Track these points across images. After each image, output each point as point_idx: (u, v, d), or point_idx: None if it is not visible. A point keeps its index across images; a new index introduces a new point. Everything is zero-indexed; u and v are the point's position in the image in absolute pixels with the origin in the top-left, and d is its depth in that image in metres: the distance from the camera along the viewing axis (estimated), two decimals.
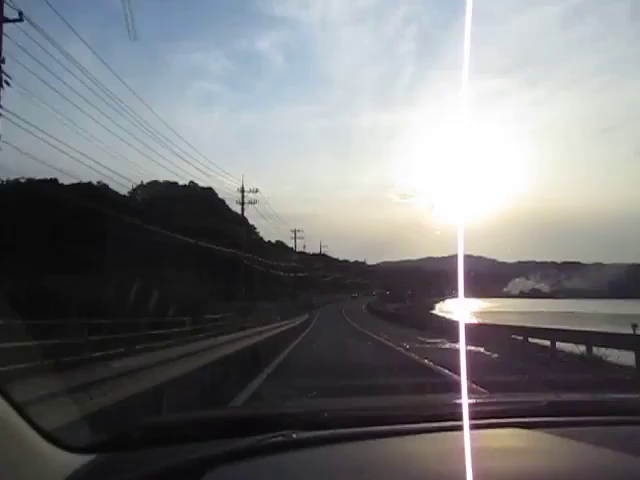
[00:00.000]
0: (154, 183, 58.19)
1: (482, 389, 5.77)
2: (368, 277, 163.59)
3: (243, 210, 41.94)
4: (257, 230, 69.49)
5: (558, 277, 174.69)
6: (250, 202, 41.26)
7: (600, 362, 11.51)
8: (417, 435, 1.36)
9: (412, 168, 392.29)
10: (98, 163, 26.99)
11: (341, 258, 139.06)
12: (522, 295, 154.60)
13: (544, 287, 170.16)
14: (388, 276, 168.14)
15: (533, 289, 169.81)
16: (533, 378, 9.29)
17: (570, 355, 12.97)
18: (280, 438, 1.29)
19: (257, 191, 41.75)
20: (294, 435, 1.31)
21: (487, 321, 30.21)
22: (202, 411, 2.25)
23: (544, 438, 1.36)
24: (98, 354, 9.29)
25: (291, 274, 67.88)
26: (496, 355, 14.65)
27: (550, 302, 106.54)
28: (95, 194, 37.16)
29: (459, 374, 1.44)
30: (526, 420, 1.50)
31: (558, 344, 13.74)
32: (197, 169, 69.07)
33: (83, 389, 3.74)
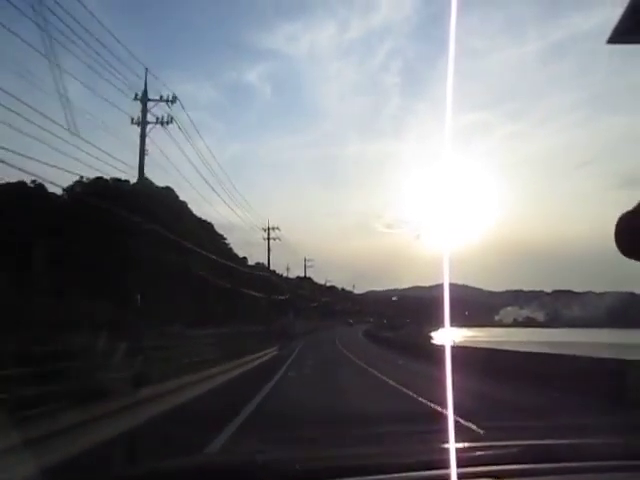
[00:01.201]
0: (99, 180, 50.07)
1: None
2: (358, 304, 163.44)
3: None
4: (228, 242, 62.44)
5: (553, 305, 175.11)
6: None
7: None
8: None
9: (398, 198, 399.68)
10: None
11: (328, 284, 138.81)
12: (516, 324, 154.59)
13: (539, 316, 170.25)
14: (377, 304, 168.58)
15: (527, 317, 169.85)
16: None
17: None
18: None
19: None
20: None
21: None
22: (173, 460, 2.10)
23: None
24: None
25: (268, 296, 50.56)
26: None
27: (546, 331, 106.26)
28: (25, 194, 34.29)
29: None
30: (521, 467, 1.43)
31: None
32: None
33: None
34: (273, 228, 45.27)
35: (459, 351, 22.60)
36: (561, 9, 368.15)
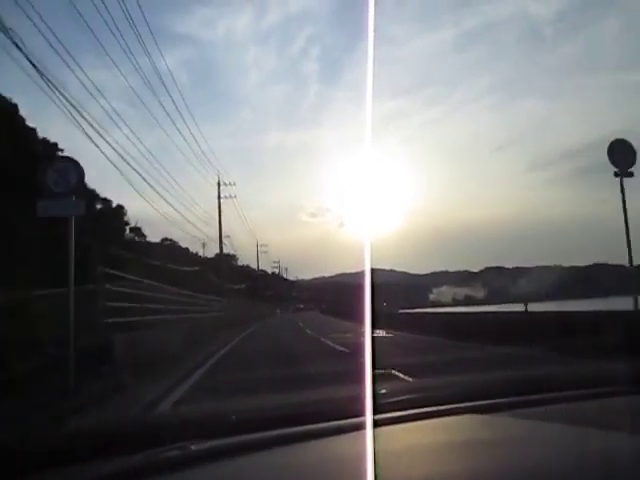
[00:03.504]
0: None
1: None
2: (294, 290, 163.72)
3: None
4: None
5: (492, 282, 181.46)
6: None
7: None
8: (330, 437, 1.29)
9: (320, 187, 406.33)
10: None
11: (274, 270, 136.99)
12: (456, 303, 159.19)
13: (478, 293, 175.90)
14: (310, 290, 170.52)
15: (466, 296, 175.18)
16: None
17: None
18: (175, 452, 1.17)
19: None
20: (192, 447, 1.20)
21: None
22: (84, 424, 1.82)
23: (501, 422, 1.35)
24: None
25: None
26: None
27: (490, 308, 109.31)
28: None
29: None
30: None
31: None
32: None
33: None
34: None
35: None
36: None
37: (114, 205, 35.30)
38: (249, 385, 7.12)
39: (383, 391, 1.54)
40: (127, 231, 39.34)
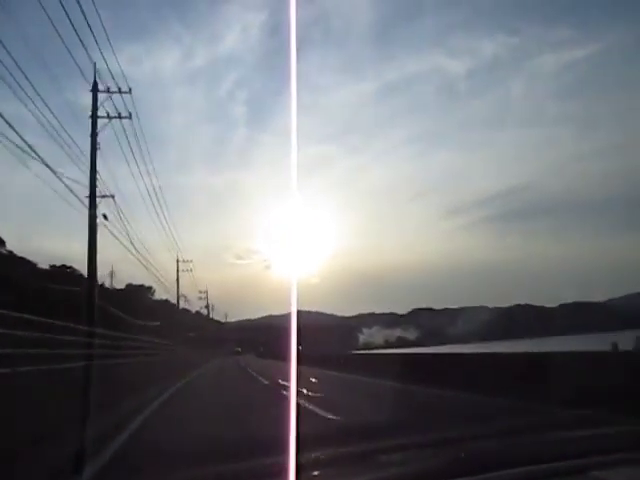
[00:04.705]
0: None
1: None
2: (223, 333, 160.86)
3: None
4: None
5: (424, 324, 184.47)
6: None
7: None
8: None
9: (247, 229, 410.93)
10: None
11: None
12: (388, 345, 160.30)
13: (410, 335, 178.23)
14: (240, 332, 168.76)
15: (399, 337, 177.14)
16: None
17: None
18: None
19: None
20: None
21: None
22: None
23: None
24: None
25: None
26: None
27: (422, 349, 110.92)
28: None
29: None
30: None
31: None
32: None
33: None
34: None
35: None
36: (394, 52, 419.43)
37: None
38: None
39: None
40: None
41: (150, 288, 62.04)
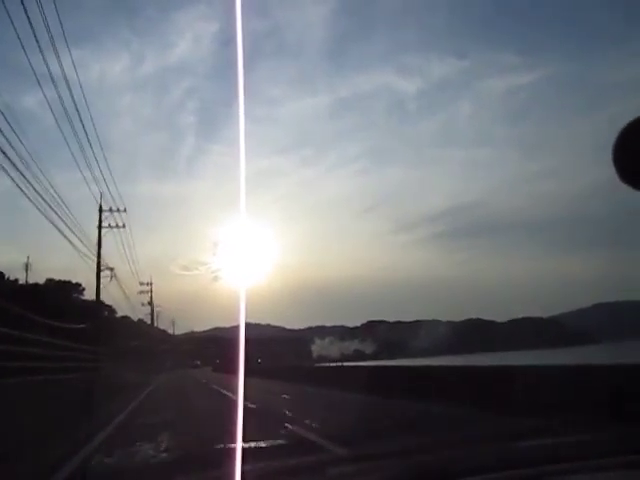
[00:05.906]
0: None
1: None
2: (171, 345, 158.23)
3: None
4: None
5: (380, 337, 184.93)
6: None
7: None
8: None
9: (194, 240, 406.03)
10: None
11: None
12: (345, 358, 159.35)
13: (367, 348, 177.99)
14: (189, 343, 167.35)
15: (356, 350, 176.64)
16: None
17: None
18: None
19: None
20: None
21: None
22: None
23: None
24: None
25: None
26: None
27: (382, 363, 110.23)
28: None
29: None
30: None
31: None
32: None
33: None
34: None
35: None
36: (347, 68, 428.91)
37: None
38: None
39: None
40: None
41: (79, 285, 52.00)
